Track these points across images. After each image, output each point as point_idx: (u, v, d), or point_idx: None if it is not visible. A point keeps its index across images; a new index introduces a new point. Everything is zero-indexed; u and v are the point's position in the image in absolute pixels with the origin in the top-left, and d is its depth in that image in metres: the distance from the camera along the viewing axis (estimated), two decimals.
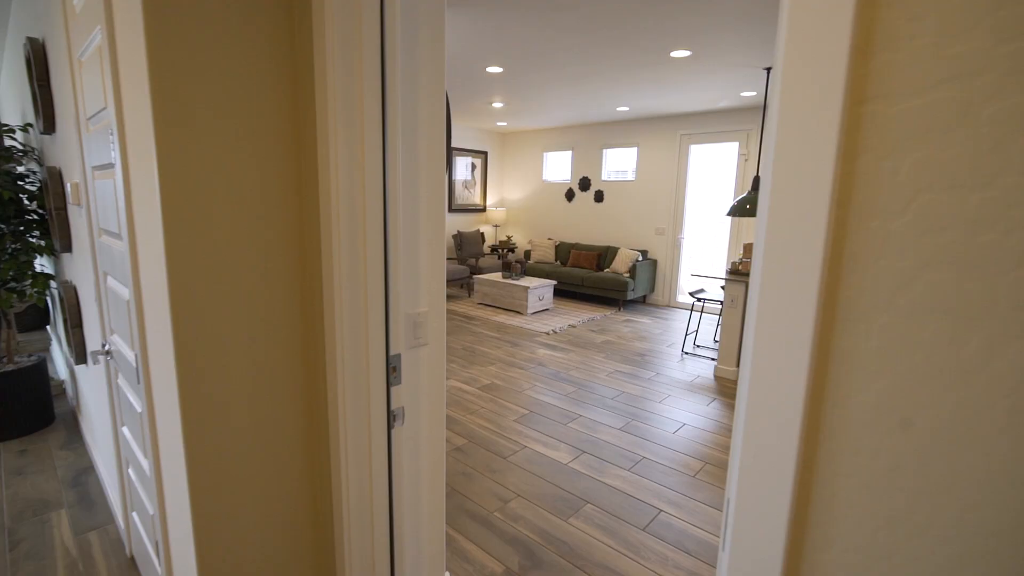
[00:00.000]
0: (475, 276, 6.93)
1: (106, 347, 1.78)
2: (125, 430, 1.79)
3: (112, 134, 1.24)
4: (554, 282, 6.65)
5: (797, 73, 0.50)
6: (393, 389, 1.31)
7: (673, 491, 2.52)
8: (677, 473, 2.69)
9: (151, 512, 1.57)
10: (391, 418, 1.31)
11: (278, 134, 1.15)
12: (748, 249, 4.24)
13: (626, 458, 2.84)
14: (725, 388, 3.96)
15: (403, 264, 1.32)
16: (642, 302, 7.22)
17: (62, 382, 3.68)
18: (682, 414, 3.46)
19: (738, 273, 4.26)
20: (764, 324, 0.55)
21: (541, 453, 2.88)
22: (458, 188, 8.23)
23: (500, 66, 4.38)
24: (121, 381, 1.70)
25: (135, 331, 1.35)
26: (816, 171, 0.50)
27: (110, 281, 1.64)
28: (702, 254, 6.89)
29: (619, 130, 7.25)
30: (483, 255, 8.19)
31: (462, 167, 8.24)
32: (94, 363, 1.81)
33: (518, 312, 6.41)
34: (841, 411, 0.52)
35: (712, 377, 4.22)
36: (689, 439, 3.09)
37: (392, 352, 1.29)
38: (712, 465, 2.78)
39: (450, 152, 1.62)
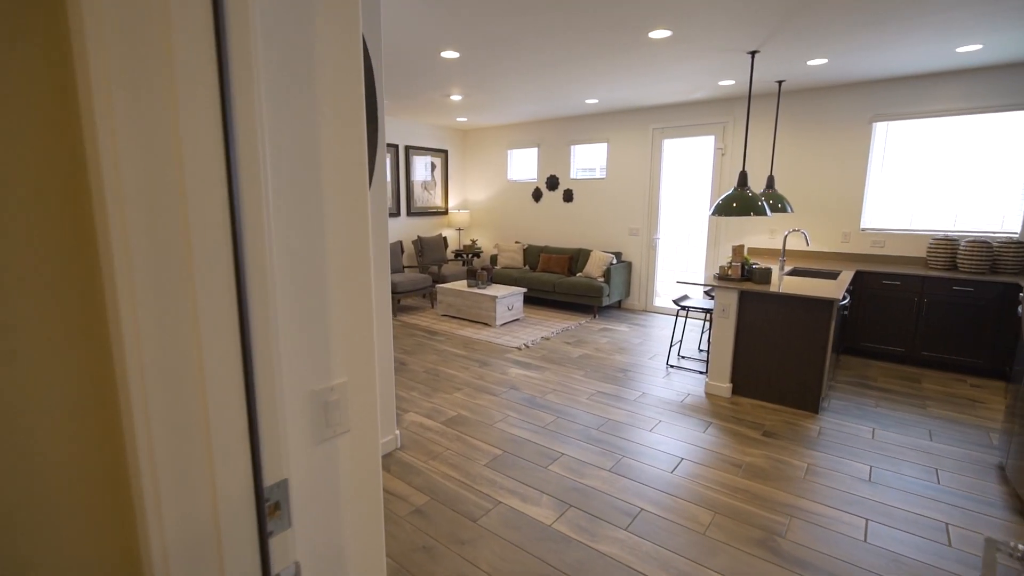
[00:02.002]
0: (438, 285, 6.37)
1: None
2: None
3: None
4: (524, 289, 6.16)
5: None
6: (276, 538, 0.77)
7: (684, 558, 2.06)
8: (684, 531, 2.23)
9: None
10: None
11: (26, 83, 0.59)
12: (737, 252, 3.85)
13: (621, 512, 2.36)
14: (719, 409, 3.55)
15: (290, 311, 0.79)
16: (617, 307, 6.82)
17: None
18: (677, 445, 3.01)
19: (727, 279, 3.87)
20: None
21: (519, 511, 2.37)
22: (417, 189, 7.64)
23: (456, 51, 3.84)
24: None
25: None
26: None
27: None
28: (679, 255, 6.54)
29: (588, 125, 6.82)
30: (446, 261, 7.63)
31: (421, 167, 7.65)
32: None
33: (486, 324, 5.88)
34: None
35: (703, 395, 3.80)
36: (690, 479, 2.64)
37: (270, 480, 0.75)
38: (723, 515, 2.33)
39: (380, 124, 1.09)
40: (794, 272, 4.69)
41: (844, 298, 3.42)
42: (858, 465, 2.78)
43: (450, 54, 3.92)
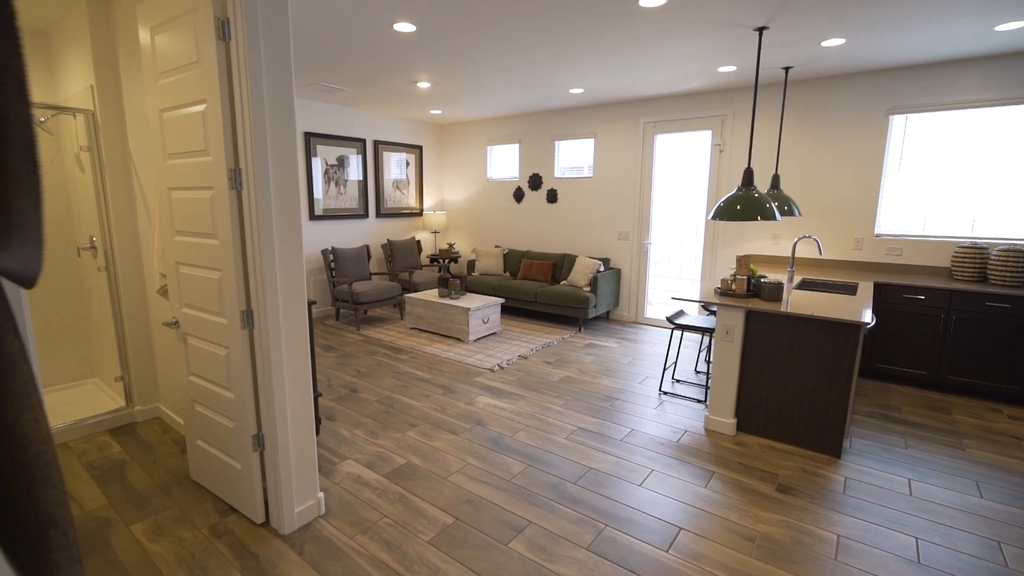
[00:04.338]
0: (408, 295, 5.74)
1: None
2: None
3: None
4: (501, 300, 5.55)
5: None
6: None
7: None
8: None
9: None
10: None
11: None
12: (743, 263, 3.27)
13: None
14: (722, 452, 2.96)
15: None
16: (605, 319, 6.23)
17: None
18: (674, 508, 2.42)
19: (731, 294, 3.29)
20: None
21: None
22: (388, 189, 7.00)
23: (412, 22, 3.23)
24: None
25: None
26: None
27: None
28: (672, 262, 5.96)
29: (573, 118, 6.23)
30: (419, 267, 6.99)
31: (394, 164, 7.02)
32: None
33: (458, 339, 5.26)
34: None
35: (702, 432, 3.22)
36: (691, 562, 2.05)
37: None
38: None
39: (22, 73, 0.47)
40: (804, 284, 4.12)
41: (872, 320, 2.86)
42: (901, 537, 2.21)
43: (404, 27, 3.30)
